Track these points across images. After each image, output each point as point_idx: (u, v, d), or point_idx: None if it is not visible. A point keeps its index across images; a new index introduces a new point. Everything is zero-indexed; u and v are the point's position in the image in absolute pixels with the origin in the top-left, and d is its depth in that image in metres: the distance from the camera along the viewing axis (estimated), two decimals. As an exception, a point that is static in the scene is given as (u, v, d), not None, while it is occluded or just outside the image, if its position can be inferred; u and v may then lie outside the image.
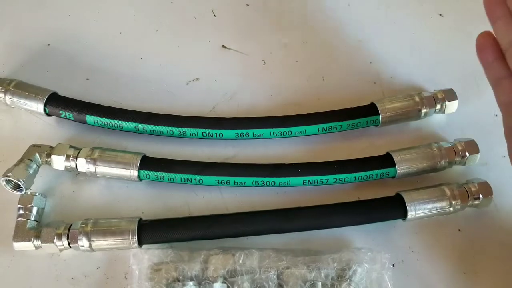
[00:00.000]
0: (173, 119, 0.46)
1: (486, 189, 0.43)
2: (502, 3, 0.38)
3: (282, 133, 0.46)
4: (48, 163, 0.44)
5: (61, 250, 0.41)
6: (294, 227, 0.42)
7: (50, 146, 0.44)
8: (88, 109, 0.46)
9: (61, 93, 0.48)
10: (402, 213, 0.42)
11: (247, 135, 0.46)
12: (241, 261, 0.40)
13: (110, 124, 0.46)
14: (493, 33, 0.39)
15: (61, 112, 0.46)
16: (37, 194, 0.42)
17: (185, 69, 0.52)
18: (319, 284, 0.39)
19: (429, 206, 0.42)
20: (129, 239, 0.40)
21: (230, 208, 0.45)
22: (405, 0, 0.58)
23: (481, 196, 0.43)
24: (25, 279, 0.41)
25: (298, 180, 0.44)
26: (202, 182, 0.43)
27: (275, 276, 0.39)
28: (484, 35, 0.39)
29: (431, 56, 0.54)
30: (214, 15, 0.56)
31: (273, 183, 0.44)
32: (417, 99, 0.47)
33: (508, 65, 0.37)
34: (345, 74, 0.53)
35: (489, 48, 0.39)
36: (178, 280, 0.39)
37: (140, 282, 0.39)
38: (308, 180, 0.44)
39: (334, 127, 0.47)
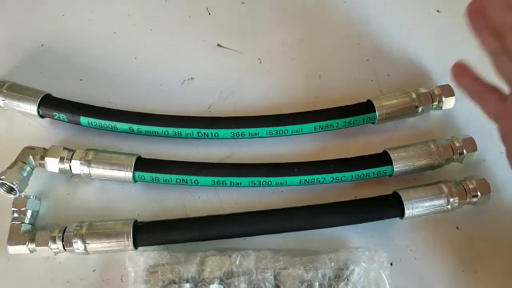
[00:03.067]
0: (168, 119, 0.46)
1: (484, 186, 0.43)
2: (482, 17, 0.40)
3: (278, 132, 0.46)
4: (42, 166, 0.43)
5: (56, 253, 0.41)
6: (291, 227, 0.42)
7: (44, 148, 0.44)
8: (82, 110, 0.46)
9: (55, 94, 0.47)
10: (399, 211, 0.42)
11: (243, 135, 0.46)
12: (237, 262, 0.40)
13: (105, 125, 0.45)
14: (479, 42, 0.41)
15: (54, 113, 0.46)
16: (31, 197, 0.42)
17: (180, 69, 0.52)
18: (317, 284, 0.39)
19: (427, 204, 0.42)
20: (124, 241, 0.40)
21: (226, 208, 0.45)
22: (402, -4, 0.57)
23: (479, 193, 0.42)
24: (20, 283, 0.41)
25: (295, 179, 0.43)
26: (198, 182, 0.43)
27: (272, 277, 0.39)
28: (457, 65, 0.42)
29: (428, 52, 0.54)
30: (209, 14, 0.56)
31: (269, 183, 0.43)
32: (414, 95, 0.47)
33: (484, 82, 0.40)
34: (341, 72, 0.53)
35: (465, 73, 0.41)
36: (174, 282, 0.39)
37: (136, 284, 0.39)
38: (305, 180, 0.43)
39: (330, 125, 0.47)
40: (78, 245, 0.39)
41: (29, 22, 0.54)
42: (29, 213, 0.42)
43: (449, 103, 0.48)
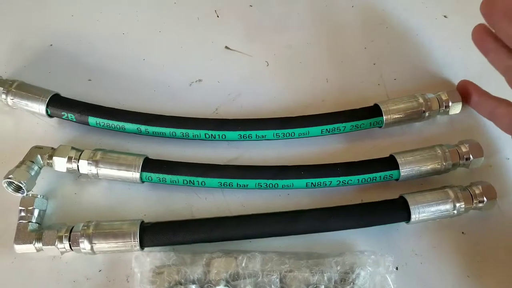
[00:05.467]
0: (176, 121, 0.46)
1: (490, 192, 0.43)
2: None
3: (285, 135, 0.46)
4: (50, 165, 0.43)
5: (62, 253, 0.41)
6: (297, 229, 0.42)
7: (52, 148, 0.44)
8: (90, 111, 0.46)
9: (64, 94, 0.47)
10: (405, 216, 0.42)
11: (250, 137, 0.46)
12: (243, 264, 0.40)
13: (112, 125, 0.46)
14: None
15: (63, 113, 0.46)
16: (38, 196, 0.42)
17: (188, 70, 0.52)
18: (322, 287, 0.39)
19: (433, 208, 0.42)
20: (131, 241, 0.40)
21: (232, 210, 0.45)
22: (409, 2, 0.57)
23: (485, 199, 0.42)
24: (26, 282, 0.41)
25: (301, 182, 0.43)
26: (204, 184, 0.43)
27: (277, 280, 0.39)
28: (478, 29, 0.41)
29: (435, 57, 0.54)
30: (218, 16, 0.56)
31: (276, 185, 0.43)
32: (421, 100, 0.47)
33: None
34: (348, 75, 0.53)
35: (487, 39, 0.40)
36: (180, 284, 0.39)
37: (142, 285, 0.39)
38: (311, 183, 0.43)
39: (337, 129, 0.47)
40: (84, 245, 0.40)
41: (38, 22, 0.54)
42: (36, 212, 0.42)
43: (456, 108, 0.48)
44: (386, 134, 0.49)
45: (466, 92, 0.47)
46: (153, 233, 0.41)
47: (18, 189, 0.42)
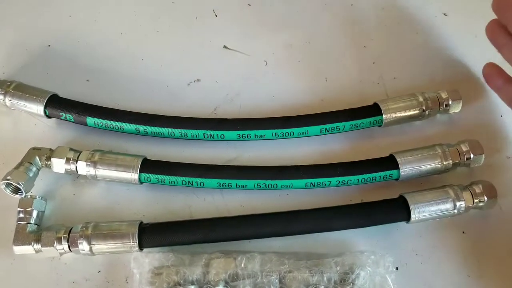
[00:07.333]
0: (174, 121, 0.46)
1: (490, 191, 0.43)
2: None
3: (284, 134, 0.46)
4: (48, 166, 0.43)
5: (61, 254, 0.41)
6: (296, 230, 0.42)
7: (50, 149, 0.44)
8: (88, 111, 0.46)
9: (62, 94, 0.47)
10: (405, 215, 0.42)
11: (248, 136, 0.46)
12: (242, 265, 0.40)
13: (111, 126, 0.45)
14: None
15: (61, 114, 0.46)
16: (37, 198, 0.42)
17: (186, 70, 0.52)
18: (322, 288, 0.39)
19: (433, 208, 0.42)
20: (129, 242, 0.40)
21: (231, 211, 0.44)
22: (409, 0, 0.57)
23: (485, 198, 0.42)
24: (25, 283, 0.41)
25: (301, 182, 0.43)
26: (203, 185, 0.43)
27: (277, 280, 0.39)
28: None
29: (435, 56, 0.53)
30: (216, 15, 0.56)
31: (275, 185, 0.43)
32: (420, 99, 0.47)
33: None
34: (348, 74, 0.52)
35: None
36: (179, 284, 0.39)
37: (141, 286, 0.39)
38: (311, 183, 0.43)
39: (337, 128, 0.46)
40: (83, 246, 0.39)
41: (36, 23, 0.54)
42: (34, 214, 0.42)
43: (456, 107, 0.48)
44: (385, 133, 0.48)
45: (490, 75, 0.46)
46: (151, 234, 0.41)
47: (16, 190, 0.42)
